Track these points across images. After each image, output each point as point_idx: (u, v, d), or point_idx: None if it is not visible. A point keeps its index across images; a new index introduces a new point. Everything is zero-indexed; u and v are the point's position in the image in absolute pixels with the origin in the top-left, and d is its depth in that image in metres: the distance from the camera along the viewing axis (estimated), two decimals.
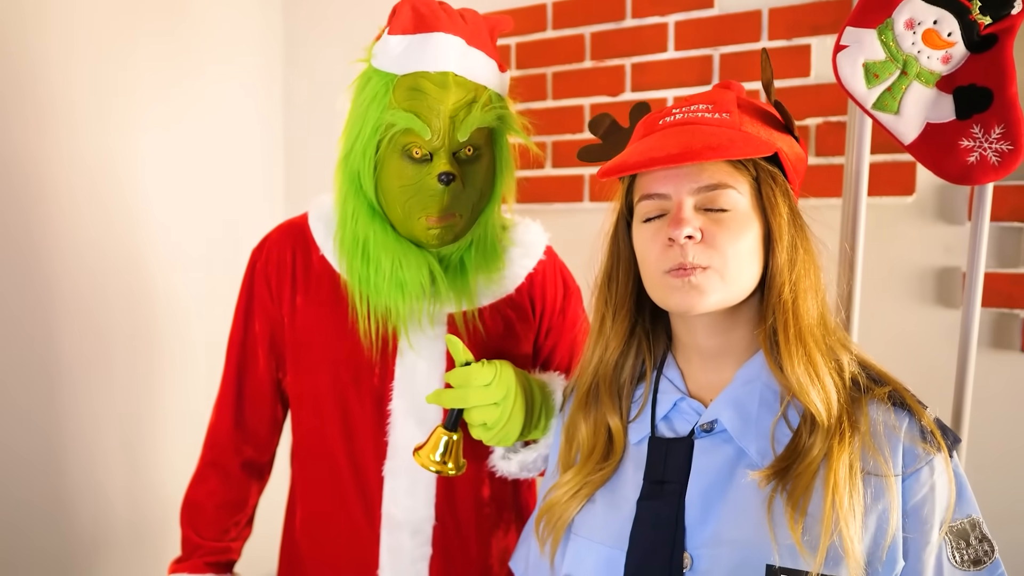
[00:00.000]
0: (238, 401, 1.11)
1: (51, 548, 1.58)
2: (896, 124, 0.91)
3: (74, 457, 1.62)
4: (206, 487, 1.12)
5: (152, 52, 1.77)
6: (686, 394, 0.81)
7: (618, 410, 0.83)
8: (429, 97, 0.93)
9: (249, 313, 1.09)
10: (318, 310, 1.04)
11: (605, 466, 0.81)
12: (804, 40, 1.57)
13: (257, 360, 1.10)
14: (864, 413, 0.73)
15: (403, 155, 0.95)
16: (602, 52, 1.80)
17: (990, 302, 1.41)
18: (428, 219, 0.97)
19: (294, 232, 1.08)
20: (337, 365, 1.03)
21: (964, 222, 1.45)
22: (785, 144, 0.77)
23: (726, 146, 0.70)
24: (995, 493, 1.41)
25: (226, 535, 1.13)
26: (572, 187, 1.85)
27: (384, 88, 0.94)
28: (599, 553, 0.78)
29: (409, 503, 1.03)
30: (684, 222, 0.72)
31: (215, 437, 1.13)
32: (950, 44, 0.86)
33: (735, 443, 0.75)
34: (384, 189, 0.98)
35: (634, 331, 0.84)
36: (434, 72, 0.93)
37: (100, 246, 1.67)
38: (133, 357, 1.75)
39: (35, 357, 1.55)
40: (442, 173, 0.94)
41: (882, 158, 1.49)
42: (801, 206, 0.81)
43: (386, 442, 1.03)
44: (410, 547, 1.04)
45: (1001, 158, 0.85)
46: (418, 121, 0.93)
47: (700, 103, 0.77)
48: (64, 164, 1.59)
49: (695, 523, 0.74)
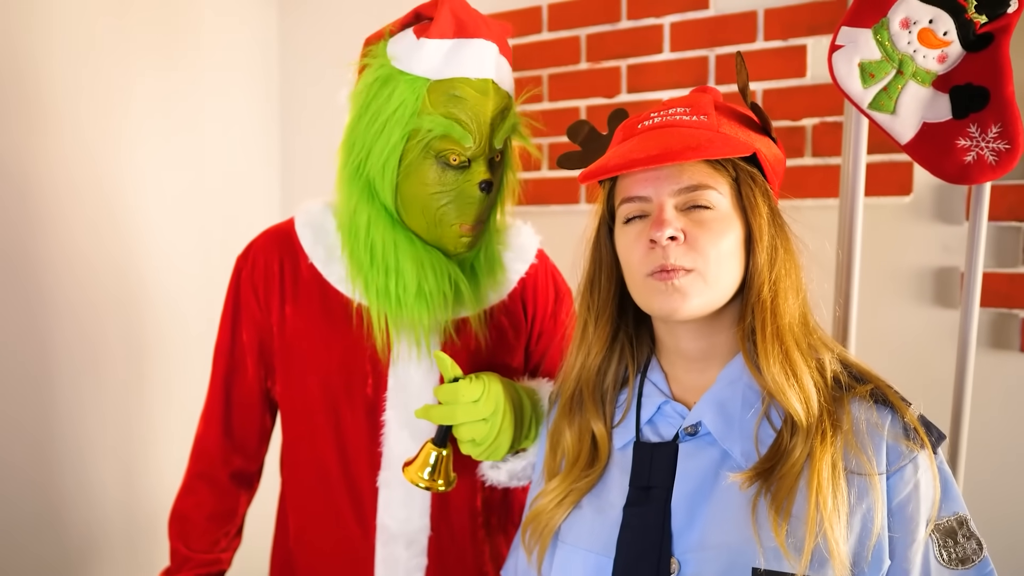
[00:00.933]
0: (226, 411, 1.09)
1: (44, 556, 1.57)
2: (892, 124, 0.90)
3: (67, 464, 1.61)
4: (194, 498, 1.11)
5: (148, 54, 1.77)
6: (670, 397, 0.80)
7: (602, 416, 0.83)
8: (470, 104, 0.91)
9: (236, 322, 1.07)
10: (308, 319, 1.02)
11: (590, 473, 0.81)
12: (800, 40, 1.57)
13: (245, 369, 1.08)
14: (846, 412, 0.72)
15: (438, 161, 0.93)
16: (598, 54, 1.80)
17: (989, 302, 1.40)
18: (462, 226, 0.95)
19: (280, 239, 1.05)
20: (329, 375, 1.01)
21: (962, 222, 1.44)
22: (763, 145, 0.77)
23: (705, 146, 0.71)
24: (995, 494, 1.41)
25: (216, 546, 1.11)
26: (568, 189, 1.85)
27: (415, 93, 0.91)
28: (586, 560, 0.78)
29: (404, 514, 1.02)
30: (666, 223, 0.72)
31: (203, 447, 1.11)
32: (946, 43, 0.86)
33: (719, 445, 0.75)
34: (410, 195, 0.95)
35: (617, 336, 0.84)
36: (475, 79, 0.92)
37: (93, 251, 1.66)
38: (126, 362, 1.74)
39: (27, 362, 1.54)
40: (483, 181, 0.93)
41: (879, 158, 1.49)
42: (787, 206, 0.81)
43: (380, 452, 1.01)
44: (405, 558, 1.03)
45: (998, 157, 0.84)
46: (459, 128, 0.91)
47: (678, 107, 0.78)
48: (59, 167, 1.58)
49: (681, 528, 0.73)
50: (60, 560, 1.60)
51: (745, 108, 0.81)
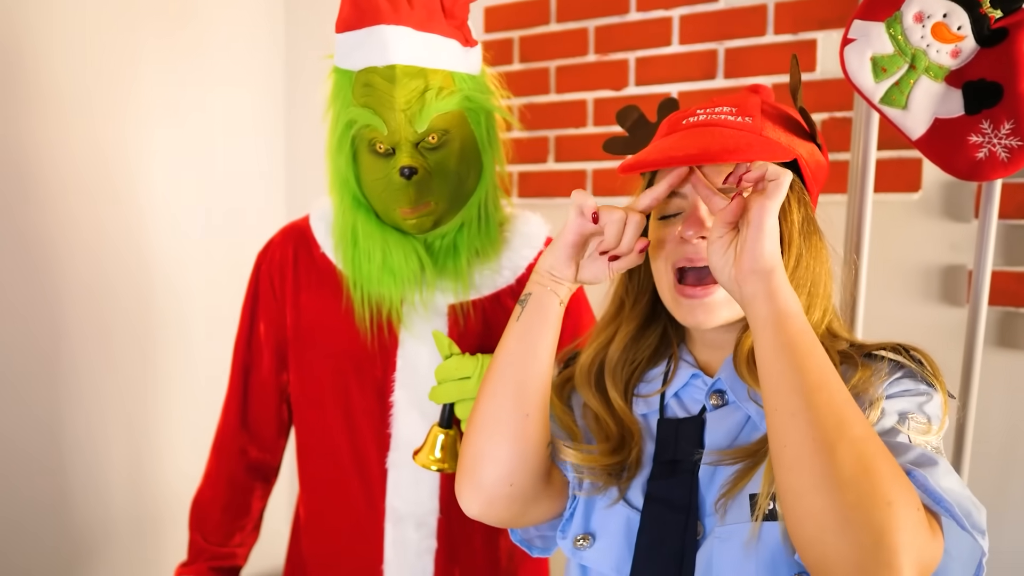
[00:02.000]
0: (243, 402, 1.12)
1: (55, 544, 1.58)
2: (904, 119, 0.89)
3: (78, 453, 1.62)
4: (212, 490, 1.13)
5: (155, 46, 1.77)
6: (699, 370, 0.81)
7: (623, 391, 0.83)
8: (380, 92, 0.93)
9: (254, 315, 1.10)
10: (320, 304, 1.05)
11: (631, 453, 0.80)
12: (810, 35, 1.56)
13: (262, 361, 1.10)
14: (860, 362, 0.73)
15: (370, 150, 0.97)
16: (606, 46, 1.79)
17: (996, 300, 1.39)
18: (402, 210, 0.98)
19: (296, 233, 1.10)
20: (339, 357, 1.04)
21: (971, 219, 1.43)
22: (806, 151, 0.77)
23: (744, 149, 0.71)
24: (999, 491, 1.40)
25: (231, 540, 1.13)
26: (575, 181, 1.84)
27: (345, 85, 0.96)
28: (614, 511, 0.78)
29: (413, 495, 1.03)
30: (700, 222, 0.73)
31: (221, 439, 1.14)
32: (960, 38, 0.85)
33: (743, 410, 0.76)
34: (364, 183, 1.00)
35: (656, 314, 0.85)
36: (381, 66, 0.93)
37: (103, 243, 1.66)
38: (136, 352, 1.74)
39: (38, 352, 1.55)
40: (403, 167, 0.94)
41: (888, 154, 1.48)
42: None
43: (389, 434, 1.03)
44: (415, 540, 1.03)
45: (1010, 154, 0.84)
46: (375, 117, 0.93)
47: (724, 105, 0.78)
48: (65, 158, 1.58)
49: (706, 495, 0.74)
50: (71, 549, 1.61)
51: (794, 111, 0.80)
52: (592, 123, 1.82)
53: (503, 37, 1.91)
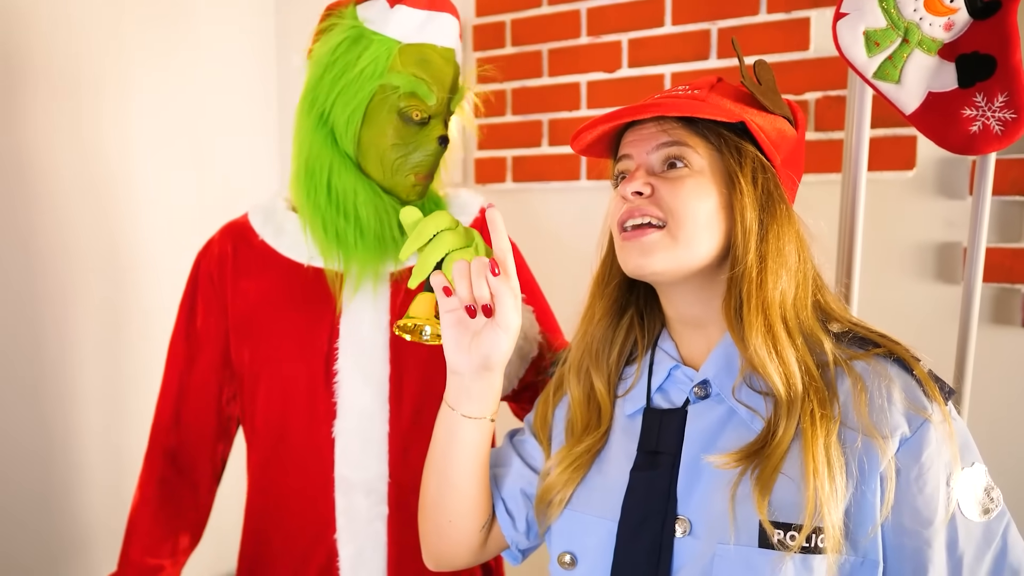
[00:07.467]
0: (177, 400, 1.10)
1: (45, 536, 1.59)
2: (897, 94, 0.89)
3: (61, 445, 1.62)
4: (141, 494, 1.10)
5: (145, 45, 1.76)
6: (680, 362, 0.81)
7: (605, 378, 0.84)
8: (436, 67, 1.01)
9: (192, 310, 1.10)
10: (259, 286, 1.06)
11: (595, 434, 0.82)
12: (803, 13, 1.55)
13: (200, 356, 1.10)
14: (854, 377, 0.72)
15: (400, 116, 1.00)
16: (598, 28, 1.77)
17: (991, 277, 1.39)
18: (416, 176, 1.03)
19: (234, 229, 1.12)
20: (282, 337, 1.04)
21: (965, 196, 1.43)
22: (764, 121, 0.76)
23: (685, 107, 0.72)
24: (991, 465, 1.41)
25: (160, 550, 1.09)
26: (569, 165, 1.83)
27: (387, 52, 0.99)
28: (592, 525, 0.78)
29: (360, 461, 1.03)
30: (633, 178, 0.75)
31: (152, 440, 1.12)
32: (953, 10, 0.84)
33: (727, 403, 0.76)
34: (370, 145, 1.01)
35: (625, 309, 0.85)
36: (441, 47, 1.02)
37: (97, 244, 1.66)
38: (132, 351, 1.74)
39: (24, 345, 1.54)
40: (441, 136, 1.03)
41: (882, 132, 1.47)
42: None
43: (335, 403, 1.03)
44: (365, 507, 1.03)
45: (1004, 127, 0.83)
46: (425, 87, 0.99)
47: (679, 86, 0.81)
48: (56, 159, 1.57)
49: (686, 490, 0.74)
50: (59, 542, 1.62)
51: (758, 90, 0.78)
52: (586, 106, 1.81)
53: (495, 20, 1.89)
